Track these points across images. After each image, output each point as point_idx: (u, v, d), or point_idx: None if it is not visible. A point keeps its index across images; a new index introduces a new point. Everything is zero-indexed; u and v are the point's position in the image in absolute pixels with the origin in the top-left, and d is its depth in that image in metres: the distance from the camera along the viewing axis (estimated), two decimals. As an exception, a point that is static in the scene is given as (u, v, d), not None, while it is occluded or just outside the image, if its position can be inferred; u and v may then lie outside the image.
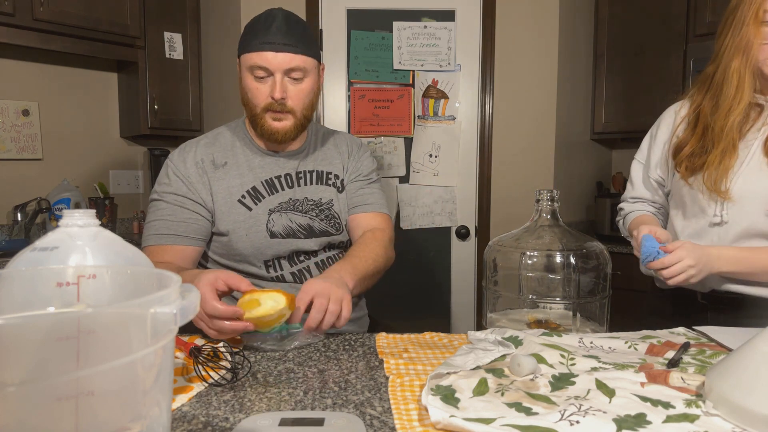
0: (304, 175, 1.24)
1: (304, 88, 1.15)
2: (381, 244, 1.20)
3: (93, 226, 0.66)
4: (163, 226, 1.15)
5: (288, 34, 1.10)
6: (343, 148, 1.32)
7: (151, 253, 1.14)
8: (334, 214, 1.26)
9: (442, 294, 2.68)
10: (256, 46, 1.10)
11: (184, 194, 1.16)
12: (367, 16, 2.53)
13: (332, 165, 1.29)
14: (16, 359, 0.35)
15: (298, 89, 1.14)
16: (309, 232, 1.22)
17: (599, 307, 1.03)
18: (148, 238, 1.16)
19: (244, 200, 1.18)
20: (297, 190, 1.22)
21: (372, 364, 0.84)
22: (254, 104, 1.15)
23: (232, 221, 1.16)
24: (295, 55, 1.10)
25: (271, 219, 1.19)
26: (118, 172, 2.98)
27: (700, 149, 1.13)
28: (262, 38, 1.09)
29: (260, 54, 1.10)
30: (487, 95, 2.56)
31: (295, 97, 1.14)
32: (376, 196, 1.31)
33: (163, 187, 1.18)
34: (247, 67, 1.13)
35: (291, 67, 1.11)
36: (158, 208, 1.17)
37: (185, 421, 0.64)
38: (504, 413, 0.61)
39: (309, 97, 1.17)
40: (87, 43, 2.49)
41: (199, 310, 0.86)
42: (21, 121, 2.60)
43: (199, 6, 2.88)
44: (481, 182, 2.60)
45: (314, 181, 1.25)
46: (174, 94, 2.80)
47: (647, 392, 0.67)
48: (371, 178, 1.33)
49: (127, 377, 0.39)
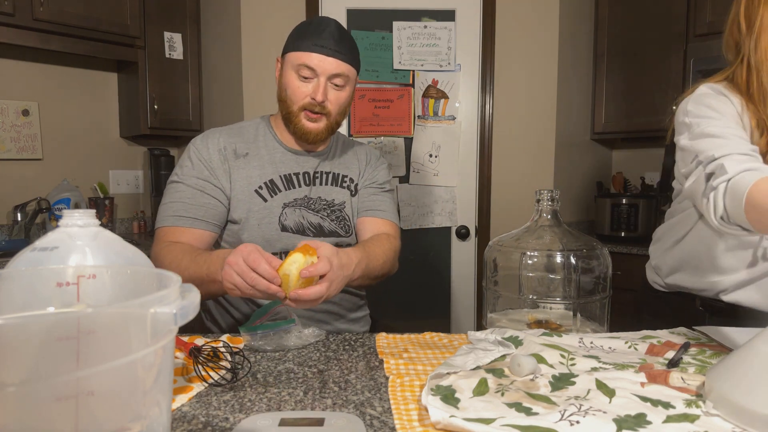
0: (321, 175, 1.27)
1: (343, 96, 1.18)
2: (392, 249, 1.22)
3: (93, 226, 0.66)
4: (181, 208, 1.14)
5: (339, 42, 1.14)
6: (362, 156, 1.35)
7: (165, 234, 1.13)
8: (345, 216, 1.28)
9: (442, 294, 2.68)
10: (308, 47, 1.13)
11: (206, 178, 1.17)
12: (367, 15, 2.53)
13: (349, 169, 1.31)
14: (16, 359, 0.35)
15: (338, 95, 1.17)
16: (319, 231, 1.23)
17: (599, 307, 1.03)
18: (165, 219, 1.15)
19: (260, 191, 1.19)
20: (312, 188, 1.25)
21: (372, 364, 0.84)
22: (293, 101, 1.17)
23: (246, 210, 1.17)
24: (343, 63, 1.14)
25: (285, 213, 1.20)
26: (118, 172, 2.98)
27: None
28: (315, 41, 1.12)
29: (310, 55, 1.12)
30: (487, 95, 2.56)
31: (334, 102, 1.17)
32: (387, 204, 1.33)
33: (185, 170, 1.18)
34: (294, 65, 1.15)
35: (336, 73, 1.14)
36: (177, 190, 1.17)
37: (185, 421, 0.64)
38: (504, 413, 0.61)
39: (345, 105, 1.21)
40: (87, 43, 2.49)
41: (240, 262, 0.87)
42: (21, 121, 2.60)
43: (199, 6, 2.88)
44: (481, 182, 2.60)
45: (330, 182, 1.27)
46: (174, 94, 2.80)
47: (647, 392, 0.67)
48: (384, 188, 1.35)
49: (127, 377, 0.39)
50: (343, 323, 1.26)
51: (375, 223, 1.28)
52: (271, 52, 2.55)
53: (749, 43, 1.02)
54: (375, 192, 1.33)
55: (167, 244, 1.11)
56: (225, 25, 2.70)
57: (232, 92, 2.67)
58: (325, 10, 2.52)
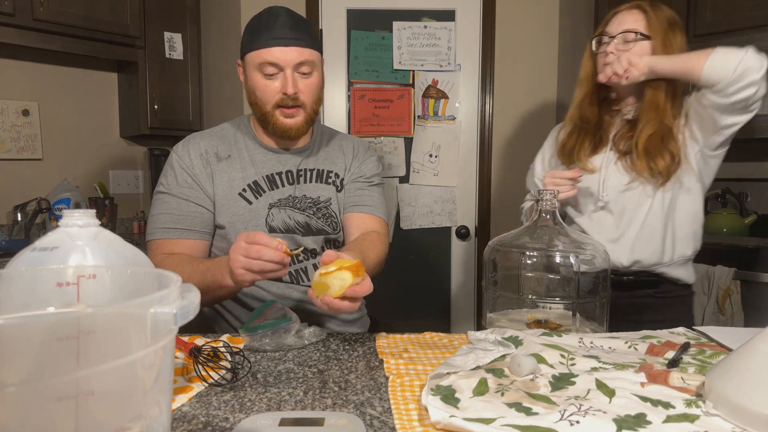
0: (305, 173, 1.24)
1: (314, 82, 1.15)
2: (383, 252, 1.20)
3: (93, 226, 0.66)
4: (169, 220, 1.14)
5: (294, 29, 1.10)
6: (348, 149, 1.31)
7: (158, 246, 1.13)
8: (332, 213, 1.25)
9: (442, 294, 2.68)
10: (264, 43, 1.09)
11: (190, 186, 1.16)
12: (367, 16, 2.53)
13: (334, 164, 1.28)
14: (16, 359, 0.35)
15: (308, 83, 1.14)
16: (306, 229, 1.22)
17: (599, 307, 1.03)
18: (154, 232, 1.15)
19: (244, 194, 1.18)
20: (297, 187, 1.22)
21: (372, 364, 0.84)
22: (264, 101, 1.14)
23: (231, 214, 1.16)
24: (304, 49, 1.10)
25: (271, 213, 1.19)
26: (118, 172, 2.98)
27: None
28: (269, 34, 1.09)
29: (269, 50, 1.09)
30: (487, 95, 2.56)
31: (306, 91, 1.14)
32: (375, 199, 1.28)
33: (169, 179, 1.17)
34: (255, 65, 1.11)
35: (301, 61, 1.11)
36: (164, 201, 1.16)
37: (185, 421, 0.64)
38: (504, 413, 0.61)
39: (318, 91, 1.17)
40: (87, 43, 2.48)
41: (241, 244, 0.88)
42: (21, 121, 2.60)
43: (199, 6, 2.88)
44: (481, 182, 2.60)
45: (314, 179, 1.25)
46: (174, 94, 2.80)
47: (647, 392, 0.67)
48: (373, 181, 1.31)
49: (126, 377, 0.39)
50: (336, 325, 1.25)
51: (362, 219, 1.24)
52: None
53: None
54: (362, 186, 1.28)
55: (164, 257, 1.10)
56: (225, 25, 2.70)
57: (232, 92, 2.67)
58: (325, 10, 2.52)
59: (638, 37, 1.25)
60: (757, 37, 2.13)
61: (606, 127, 1.34)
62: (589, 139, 1.34)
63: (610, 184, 1.28)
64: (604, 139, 1.33)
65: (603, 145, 1.32)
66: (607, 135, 1.33)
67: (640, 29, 1.25)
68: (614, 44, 1.27)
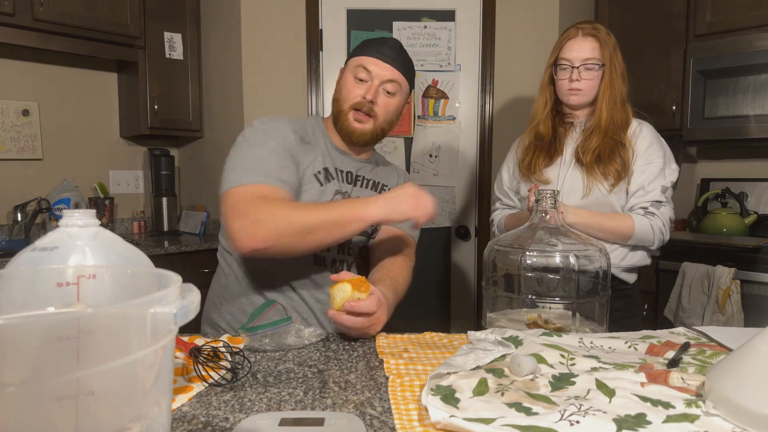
0: (362, 179, 1.31)
1: (392, 103, 1.23)
2: (410, 277, 1.29)
3: (93, 226, 0.66)
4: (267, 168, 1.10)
5: (397, 54, 1.22)
6: (400, 174, 1.42)
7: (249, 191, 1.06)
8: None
9: (442, 294, 2.68)
10: (368, 52, 1.21)
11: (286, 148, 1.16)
12: (367, 16, 2.53)
13: (388, 181, 1.36)
14: (16, 359, 0.35)
15: (387, 101, 1.22)
16: None
17: (599, 307, 1.03)
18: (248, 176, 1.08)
19: (318, 176, 1.22)
20: (353, 189, 1.28)
21: (372, 364, 0.84)
22: (344, 100, 1.22)
23: (302, 191, 1.18)
24: (396, 71, 1.21)
25: (335, 199, 1.23)
26: (118, 172, 2.98)
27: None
28: (375, 49, 1.21)
29: (368, 59, 1.20)
30: (487, 95, 2.56)
31: (382, 106, 1.22)
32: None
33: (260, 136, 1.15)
34: (353, 67, 1.22)
35: (390, 79, 1.20)
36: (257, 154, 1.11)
37: (185, 421, 0.64)
38: (504, 413, 0.61)
39: (393, 113, 1.25)
40: (87, 43, 2.49)
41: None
42: (21, 121, 2.60)
43: (199, 6, 2.88)
44: (481, 182, 2.60)
45: (369, 187, 1.31)
46: (174, 94, 2.80)
47: (647, 392, 0.67)
48: None
49: (126, 377, 0.39)
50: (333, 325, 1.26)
51: (392, 233, 1.34)
52: (270, 51, 2.55)
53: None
54: None
55: (264, 199, 1.04)
56: (225, 25, 2.70)
57: (232, 92, 2.67)
58: (326, 11, 2.52)
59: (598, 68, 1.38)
60: (756, 37, 2.14)
61: (560, 137, 1.45)
62: (544, 153, 1.45)
63: (568, 188, 1.40)
64: (558, 149, 1.44)
65: (558, 154, 1.44)
66: (561, 145, 1.44)
67: (597, 57, 1.38)
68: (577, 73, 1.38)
